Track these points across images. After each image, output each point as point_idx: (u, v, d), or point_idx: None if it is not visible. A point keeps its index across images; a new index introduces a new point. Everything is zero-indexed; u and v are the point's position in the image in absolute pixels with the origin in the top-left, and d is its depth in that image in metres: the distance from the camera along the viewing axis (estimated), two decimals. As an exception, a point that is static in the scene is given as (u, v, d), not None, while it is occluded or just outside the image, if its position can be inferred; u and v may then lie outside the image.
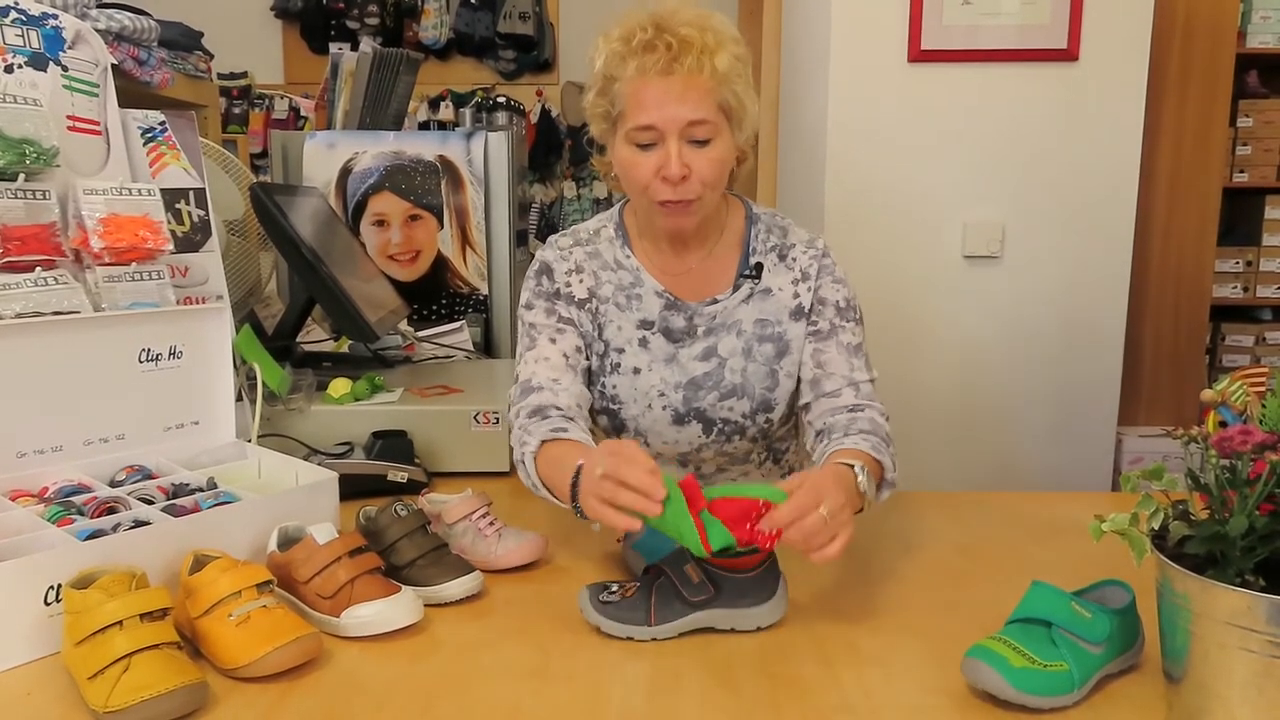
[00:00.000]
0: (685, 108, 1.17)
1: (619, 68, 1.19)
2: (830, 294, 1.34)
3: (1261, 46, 3.22)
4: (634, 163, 1.21)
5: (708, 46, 1.17)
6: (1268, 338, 3.43)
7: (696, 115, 1.17)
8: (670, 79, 1.16)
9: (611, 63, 1.20)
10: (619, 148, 1.24)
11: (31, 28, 1.29)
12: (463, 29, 4.93)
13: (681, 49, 1.16)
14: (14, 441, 1.18)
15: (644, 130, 1.19)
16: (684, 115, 1.17)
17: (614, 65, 1.20)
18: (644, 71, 1.17)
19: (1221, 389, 1.16)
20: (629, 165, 1.22)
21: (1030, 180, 2.29)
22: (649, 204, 1.25)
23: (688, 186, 1.20)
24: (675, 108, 1.17)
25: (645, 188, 1.22)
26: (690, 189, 1.21)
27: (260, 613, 0.94)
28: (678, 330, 1.34)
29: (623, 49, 1.19)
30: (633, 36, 1.18)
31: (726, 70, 1.18)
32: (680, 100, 1.17)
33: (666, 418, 1.34)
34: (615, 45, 1.20)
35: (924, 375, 2.37)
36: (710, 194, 1.24)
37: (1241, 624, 0.75)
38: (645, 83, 1.17)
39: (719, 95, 1.18)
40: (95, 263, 1.25)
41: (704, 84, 1.17)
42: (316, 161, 2.31)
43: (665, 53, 1.16)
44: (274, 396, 1.51)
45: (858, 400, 1.28)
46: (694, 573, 1.02)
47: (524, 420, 1.24)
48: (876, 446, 1.19)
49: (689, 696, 0.91)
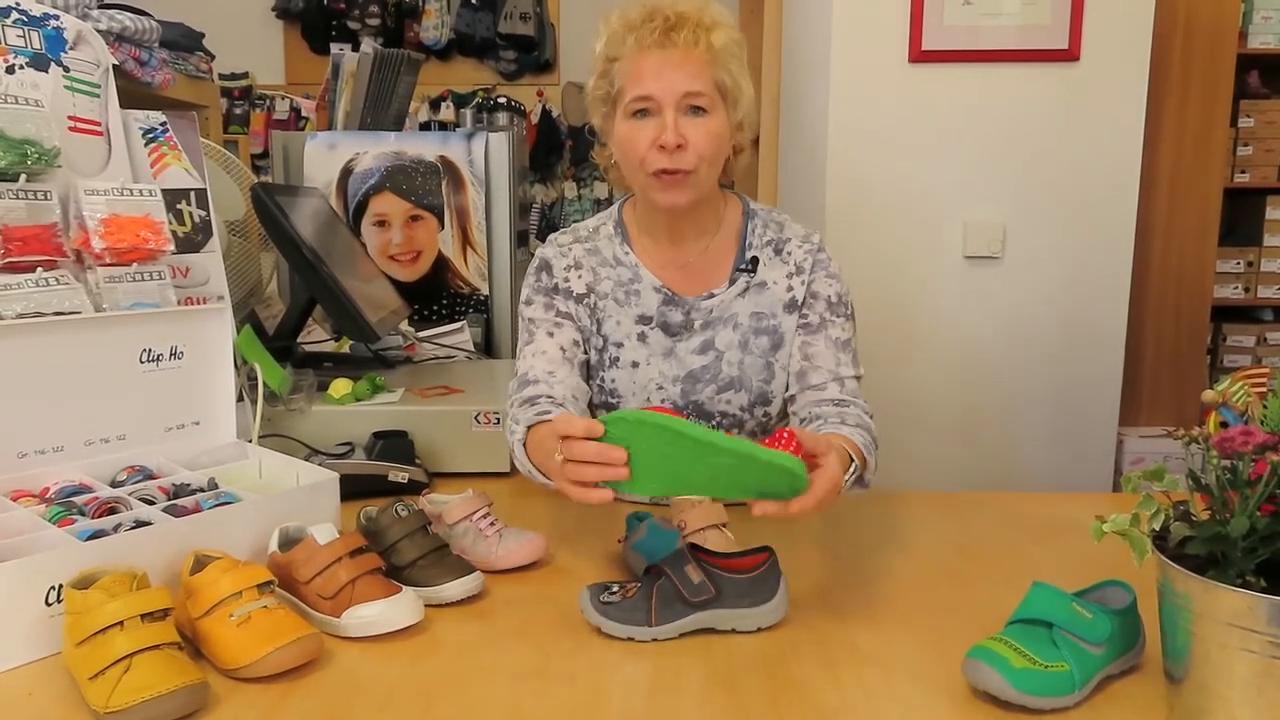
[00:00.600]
0: (681, 77, 1.21)
1: (618, 46, 1.24)
2: (822, 288, 1.35)
3: (1263, 47, 3.22)
4: (631, 135, 1.24)
5: (703, 23, 1.22)
6: (1269, 338, 3.43)
7: (693, 86, 1.21)
8: (666, 51, 1.21)
9: (612, 43, 1.25)
10: (618, 126, 1.26)
11: (33, 28, 1.29)
12: (463, 29, 4.93)
13: (679, 22, 1.21)
14: (15, 442, 1.18)
15: (640, 100, 1.22)
16: (680, 85, 1.21)
17: (614, 45, 1.25)
18: (642, 44, 1.22)
19: (1222, 389, 1.16)
20: (626, 139, 1.25)
21: (1031, 180, 2.29)
22: (644, 180, 1.26)
23: (683, 156, 1.22)
24: (672, 76, 1.21)
25: (642, 160, 1.24)
26: (685, 159, 1.22)
27: (261, 613, 0.94)
28: (675, 324, 1.35)
29: (622, 28, 1.24)
30: (631, 14, 1.24)
31: (721, 48, 1.22)
32: (678, 68, 1.21)
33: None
34: (615, 25, 1.25)
35: (925, 375, 2.37)
36: (706, 169, 1.25)
37: (1242, 625, 0.75)
38: (643, 55, 1.22)
39: (714, 72, 1.23)
40: (96, 263, 1.26)
41: (700, 56, 1.21)
42: (317, 162, 2.31)
43: (662, 24, 1.21)
44: (275, 397, 1.51)
45: (842, 395, 1.30)
46: (694, 573, 1.02)
47: (514, 410, 1.26)
48: (867, 445, 1.21)
49: (689, 697, 0.91)
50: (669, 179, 1.24)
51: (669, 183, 1.24)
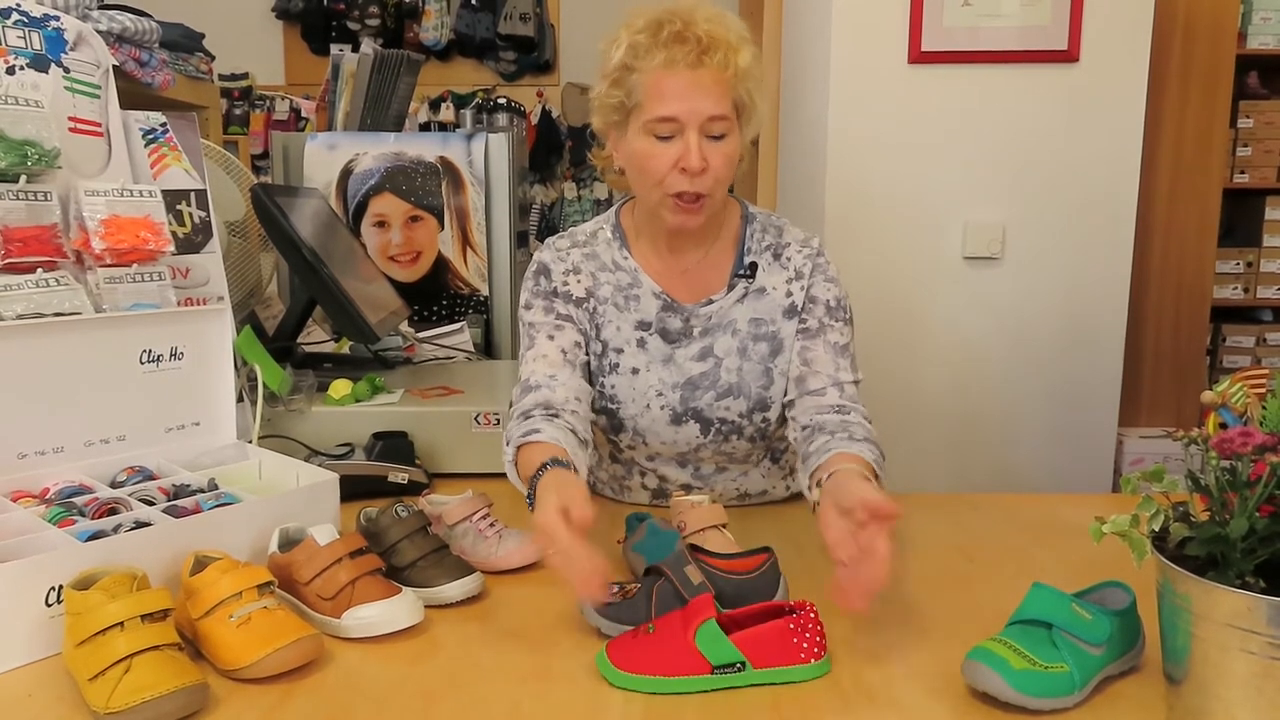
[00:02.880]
0: (709, 101, 1.18)
1: (642, 59, 1.20)
2: (821, 293, 1.34)
3: (1262, 48, 3.22)
4: (651, 154, 1.22)
5: (732, 44, 1.19)
6: (1268, 339, 3.43)
7: (718, 110, 1.19)
8: (698, 72, 1.18)
9: (634, 53, 1.20)
10: (633, 139, 1.24)
11: (33, 29, 1.30)
12: (463, 30, 4.93)
13: (711, 44, 1.18)
14: (15, 442, 1.18)
15: (664, 122, 1.19)
16: (707, 109, 1.19)
17: (636, 56, 1.20)
18: (672, 64, 1.18)
19: (1222, 390, 1.16)
20: (645, 156, 1.22)
21: (1031, 181, 2.29)
22: (659, 198, 1.25)
23: (703, 179, 1.21)
24: (700, 100, 1.18)
25: (661, 180, 1.22)
26: (705, 182, 1.22)
27: (261, 614, 0.94)
28: (674, 331, 1.34)
29: (649, 40, 1.19)
30: (661, 28, 1.19)
31: (747, 68, 1.20)
32: (706, 94, 1.18)
33: (664, 418, 1.34)
34: (640, 37, 1.20)
35: (924, 376, 2.37)
36: (720, 190, 1.25)
37: (1242, 626, 0.76)
38: (672, 75, 1.18)
39: (735, 93, 1.21)
40: (96, 264, 1.26)
41: (727, 80, 1.19)
42: (317, 163, 2.31)
43: (695, 46, 1.17)
44: (275, 397, 1.51)
45: (842, 400, 1.28)
46: (694, 574, 1.02)
47: (511, 424, 1.26)
48: (877, 460, 1.18)
49: (690, 699, 0.91)
50: (687, 203, 1.23)
51: (685, 208, 1.24)
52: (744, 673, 0.92)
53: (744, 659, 0.92)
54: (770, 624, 0.94)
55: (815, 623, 0.94)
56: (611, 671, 0.93)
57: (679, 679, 0.91)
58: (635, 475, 1.44)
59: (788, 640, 0.93)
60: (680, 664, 0.92)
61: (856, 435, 1.21)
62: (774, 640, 0.93)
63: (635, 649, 0.94)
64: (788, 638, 0.93)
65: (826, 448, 1.18)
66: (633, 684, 0.92)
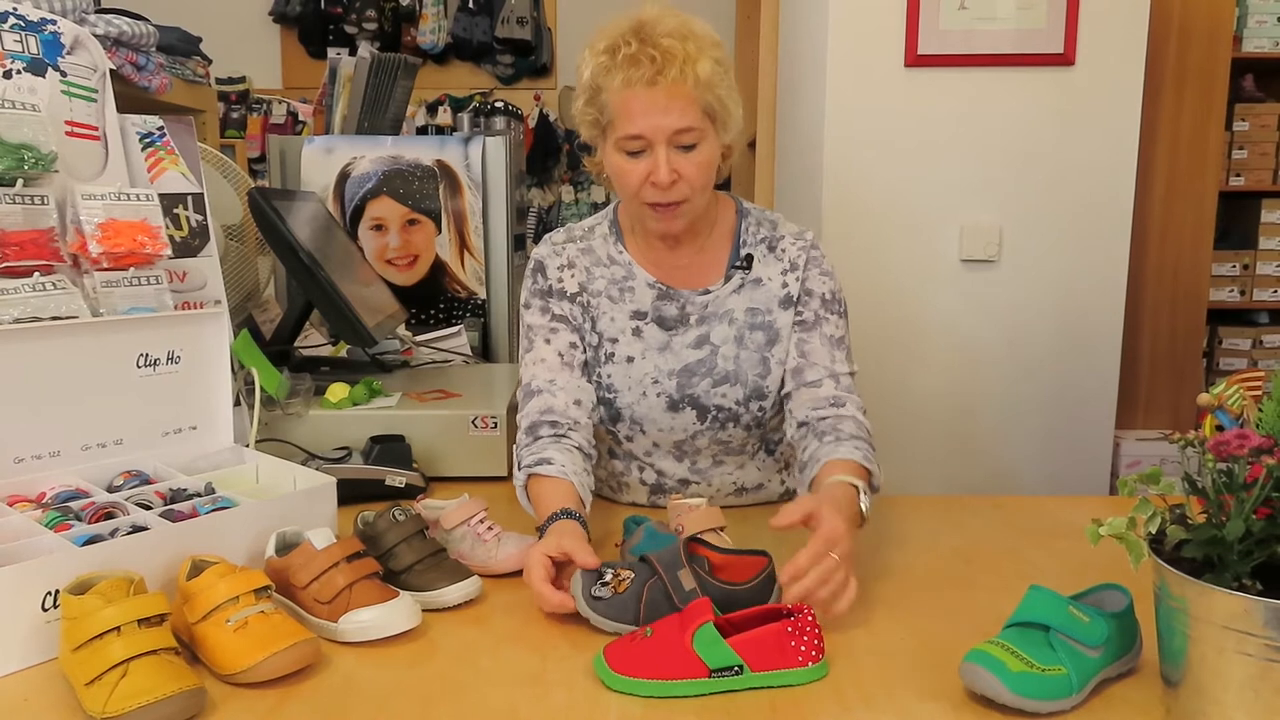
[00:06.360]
0: (670, 117, 1.21)
1: (605, 79, 1.23)
2: (816, 285, 1.37)
3: (1257, 50, 3.23)
4: (624, 170, 1.27)
5: (689, 56, 1.20)
6: (1265, 341, 3.44)
7: (682, 124, 1.22)
8: (655, 90, 1.20)
9: (598, 74, 1.24)
10: (609, 154, 1.28)
11: (30, 33, 1.29)
12: (460, 34, 4.93)
13: (665, 61, 1.20)
14: (12, 446, 1.18)
15: (632, 139, 1.23)
16: (670, 124, 1.21)
17: (600, 76, 1.24)
18: (630, 84, 1.21)
19: (1218, 393, 1.16)
20: (619, 172, 1.28)
21: (1027, 184, 2.29)
22: (638, 207, 1.30)
23: (676, 189, 1.25)
24: (660, 118, 1.21)
25: (635, 193, 1.27)
26: (678, 191, 1.26)
27: (258, 618, 0.94)
28: (670, 318, 1.37)
29: (608, 61, 1.23)
30: (617, 49, 1.22)
31: (708, 77, 1.22)
32: (665, 111, 1.21)
33: (661, 405, 1.37)
34: (601, 58, 1.24)
35: (921, 379, 2.38)
36: (698, 196, 1.28)
37: (1238, 628, 0.76)
38: (632, 94, 1.21)
39: (703, 101, 1.22)
40: (93, 268, 1.25)
41: (688, 93, 1.21)
42: (314, 166, 2.31)
43: (650, 65, 1.20)
44: (272, 401, 1.51)
45: (837, 392, 1.32)
46: (687, 579, 1.02)
47: (520, 438, 1.31)
48: (867, 455, 1.24)
49: (687, 702, 0.91)
50: (663, 210, 1.28)
51: (663, 214, 1.28)
52: (742, 676, 0.92)
53: (742, 662, 0.92)
54: (768, 627, 0.94)
55: (813, 626, 0.94)
56: (609, 675, 0.93)
57: (676, 682, 0.91)
58: (633, 471, 1.45)
59: (785, 643, 0.93)
60: (678, 667, 0.92)
61: (844, 434, 1.26)
62: (772, 643, 0.93)
63: (633, 652, 0.94)
64: (785, 641, 0.93)
65: (816, 457, 1.25)
66: (630, 687, 0.92)
